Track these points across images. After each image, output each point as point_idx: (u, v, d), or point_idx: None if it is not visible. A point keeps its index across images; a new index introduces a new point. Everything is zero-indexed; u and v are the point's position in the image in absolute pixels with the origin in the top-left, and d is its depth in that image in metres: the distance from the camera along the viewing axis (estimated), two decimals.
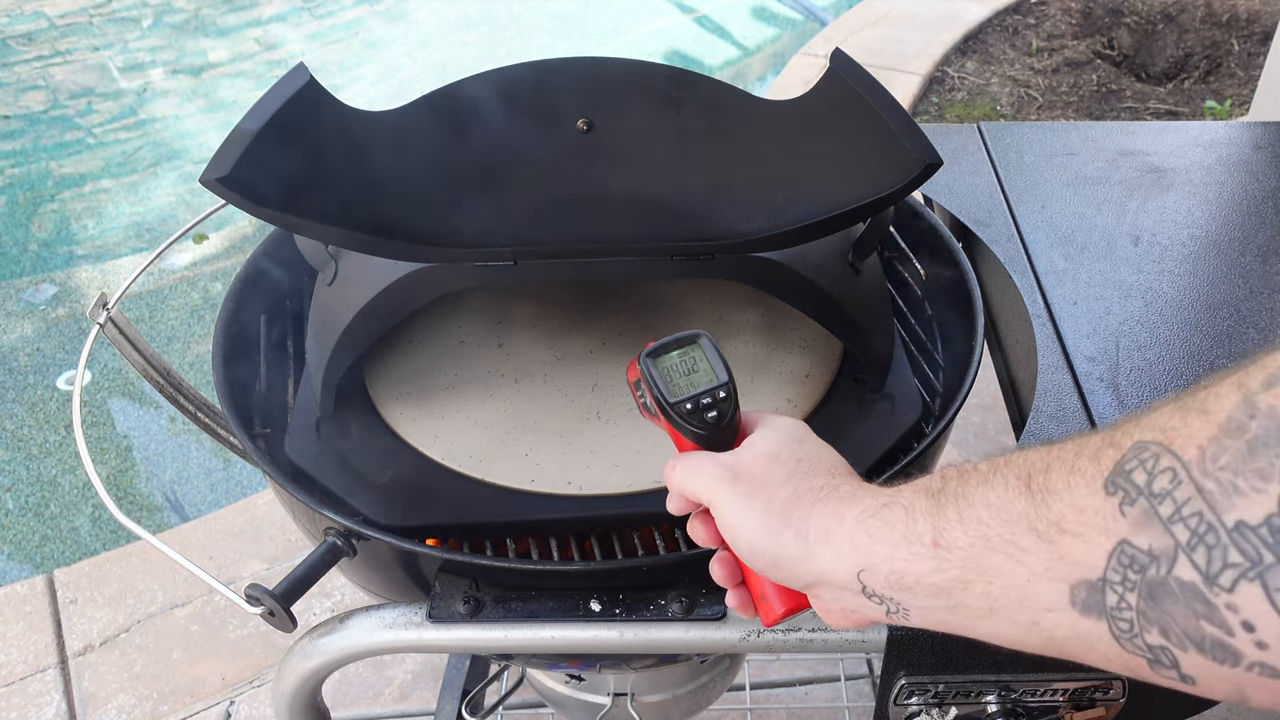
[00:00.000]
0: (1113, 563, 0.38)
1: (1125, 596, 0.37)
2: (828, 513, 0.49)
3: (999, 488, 0.42)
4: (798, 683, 1.54)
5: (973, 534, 0.43)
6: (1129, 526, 0.37)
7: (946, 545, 0.44)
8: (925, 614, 0.46)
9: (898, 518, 0.46)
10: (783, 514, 0.50)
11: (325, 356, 0.76)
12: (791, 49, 3.53)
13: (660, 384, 0.58)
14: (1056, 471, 0.41)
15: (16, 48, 3.64)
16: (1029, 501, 0.41)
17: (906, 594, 0.46)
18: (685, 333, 0.60)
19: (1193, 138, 1.16)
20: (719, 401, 0.57)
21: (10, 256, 2.72)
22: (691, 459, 0.55)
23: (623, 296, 0.89)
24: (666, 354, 0.59)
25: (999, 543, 0.42)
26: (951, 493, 0.44)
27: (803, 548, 0.49)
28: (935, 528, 0.44)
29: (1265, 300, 0.93)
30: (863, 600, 0.48)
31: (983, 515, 0.43)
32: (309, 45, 3.71)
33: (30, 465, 2.12)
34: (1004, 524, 0.42)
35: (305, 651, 0.73)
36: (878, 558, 0.46)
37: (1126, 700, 0.71)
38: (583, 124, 0.71)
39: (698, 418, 0.57)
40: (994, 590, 0.42)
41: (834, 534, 0.48)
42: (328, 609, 1.64)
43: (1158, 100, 3.08)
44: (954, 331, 0.89)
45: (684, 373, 0.58)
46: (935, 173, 0.67)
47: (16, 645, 1.64)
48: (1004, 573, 0.42)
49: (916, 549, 0.45)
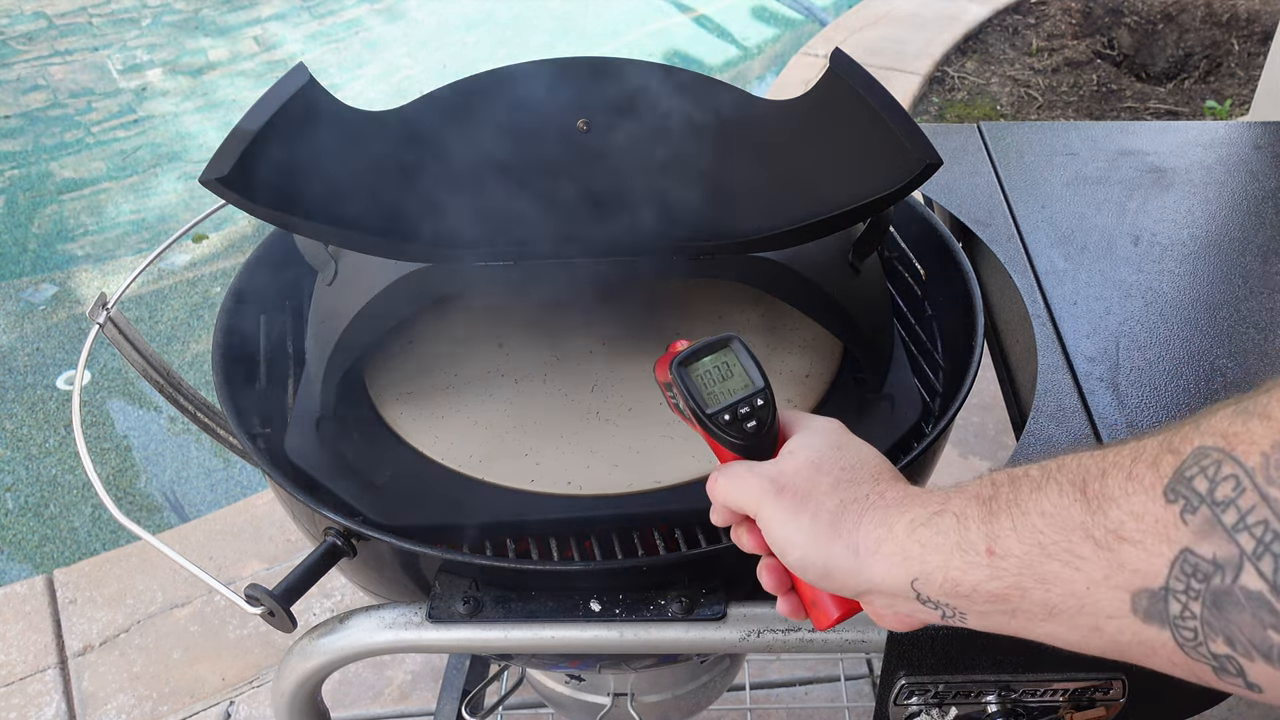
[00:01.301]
0: (1175, 572, 0.37)
1: (1189, 605, 0.37)
2: (876, 522, 0.49)
3: (1053, 494, 0.42)
4: (798, 683, 1.54)
5: (1028, 542, 0.42)
6: (1191, 535, 0.37)
7: (1002, 553, 0.43)
8: (983, 618, 0.46)
9: (949, 526, 0.46)
10: (831, 526, 0.50)
11: (325, 356, 0.76)
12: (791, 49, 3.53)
13: (695, 394, 0.56)
14: (1113, 478, 0.40)
15: (17, 47, 3.64)
16: (1085, 508, 0.40)
17: (963, 600, 0.46)
18: (716, 337, 0.58)
19: (1193, 138, 1.16)
20: (757, 410, 0.56)
21: (10, 256, 2.72)
22: (733, 471, 0.55)
23: (623, 296, 0.89)
24: (698, 361, 0.57)
25: (1056, 550, 0.41)
26: (1004, 500, 0.44)
27: (853, 559, 0.49)
28: (989, 535, 0.44)
29: (1265, 300, 0.93)
30: (917, 606, 0.48)
31: (1037, 523, 0.42)
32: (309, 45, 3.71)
33: (30, 465, 2.12)
34: (1060, 531, 0.41)
35: (305, 651, 0.73)
36: (931, 567, 0.46)
37: (1126, 700, 0.71)
38: (583, 124, 0.71)
39: (737, 428, 0.55)
40: (1052, 598, 0.42)
41: (884, 544, 0.48)
42: (328, 609, 1.64)
43: (1158, 100, 3.08)
44: (954, 331, 0.89)
45: (718, 380, 0.57)
46: (935, 173, 0.67)
47: (16, 645, 1.64)
48: (1062, 580, 0.41)
49: (971, 557, 0.44)
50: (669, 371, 0.57)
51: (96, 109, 3.33)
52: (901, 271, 0.98)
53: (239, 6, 3.94)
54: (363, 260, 0.75)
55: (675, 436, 0.78)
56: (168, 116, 3.29)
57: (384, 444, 0.79)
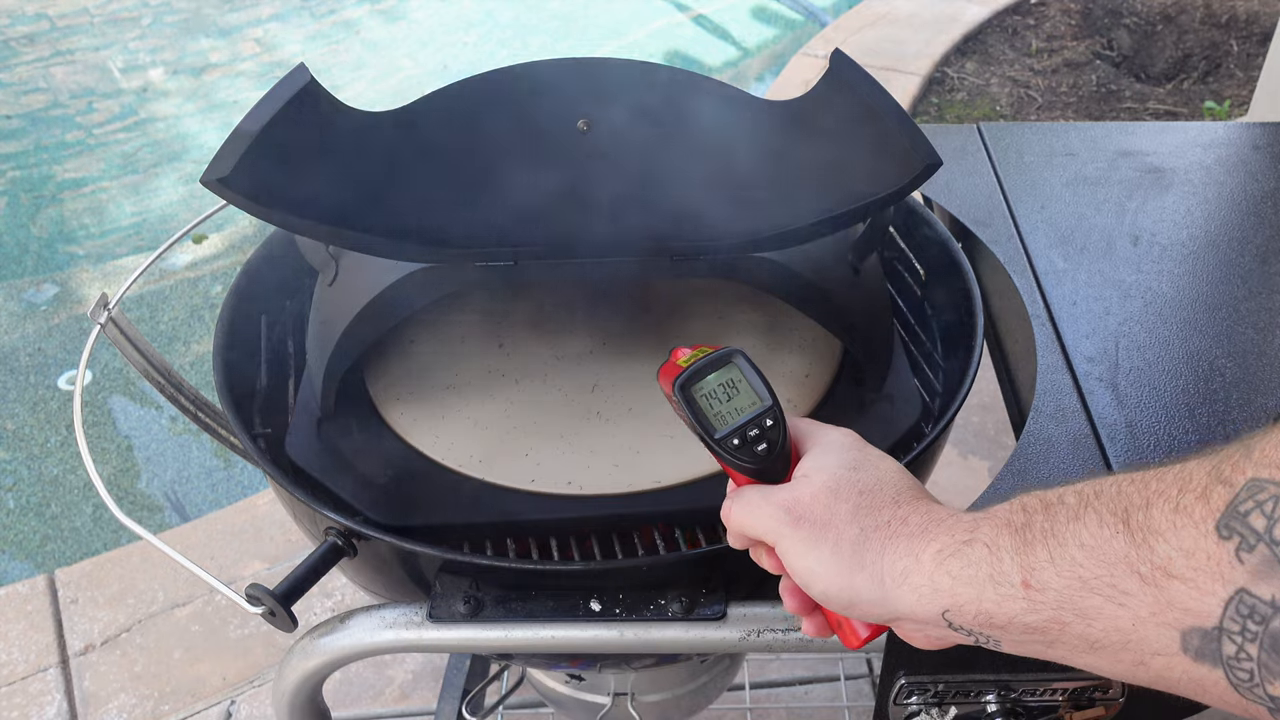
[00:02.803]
0: (1230, 612, 0.36)
1: (1245, 647, 0.36)
2: (901, 551, 0.47)
3: (1093, 525, 0.40)
4: (797, 682, 1.54)
5: (1067, 575, 0.41)
6: (1248, 575, 0.35)
7: (1039, 586, 0.42)
8: (1019, 646, 0.45)
9: (981, 557, 0.44)
10: (853, 556, 0.48)
11: (326, 356, 0.76)
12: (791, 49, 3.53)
13: (701, 418, 0.53)
14: (1159, 509, 0.38)
15: (18, 49, 3.65)
16: (1129, 542, 0.39)
17: (998, 631, 0.44)
18: (718, 352, 0.55)
19: (1192, 138, 1.16)
20: (766, 431, 0.53)
21: (11, 256, 2.72)
22: (746, 499, 0.53)
23: (623, 296, 0.89)
24: (702, 380, 0.54)
25: (1098, 585, 0.40)
26: (1039, 529, 0.42)
27: (879, 590, 0.47)
28: (1024, 568, 0.42)
29: (1264, 300, 0.93)
30: (949, 632, 0.47)
31: (1076, 555, 0.40)
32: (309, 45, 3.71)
33: (31, 465, 2.12)
34: (1102, 565, 0.40)
35: (306, 651, 0.73)
36: (963, 599, 0.44)
37: (1126, 700, 0.72)
38: (583, 124, 0.71)
39: (747, 452, 0.53)
40: (1094, 632, 0.40)
41: (911, 574, 0.46)
42: (328, 609, 1.64)
43: (1157, 101, 3.08)
44: (954, 331, 0.89)
45: (724, 399, 0.54)
46: (935, 173, 0.67)
47: (18, 645, 1.64)
48: (1105, 615, 0.40)
49: (1005, 590, 0.43)
50: (672, 392, 0.55)
51: (97, 110, 3.34)
52: (901, 271, 0.98)
53: (239, 7, 3.95)
54: (363, 260, 0.75)
55: (675, 436, 0.78)
56: (169, 117, 3.30)
57: (384, 444, 0.79)
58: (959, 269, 0.89)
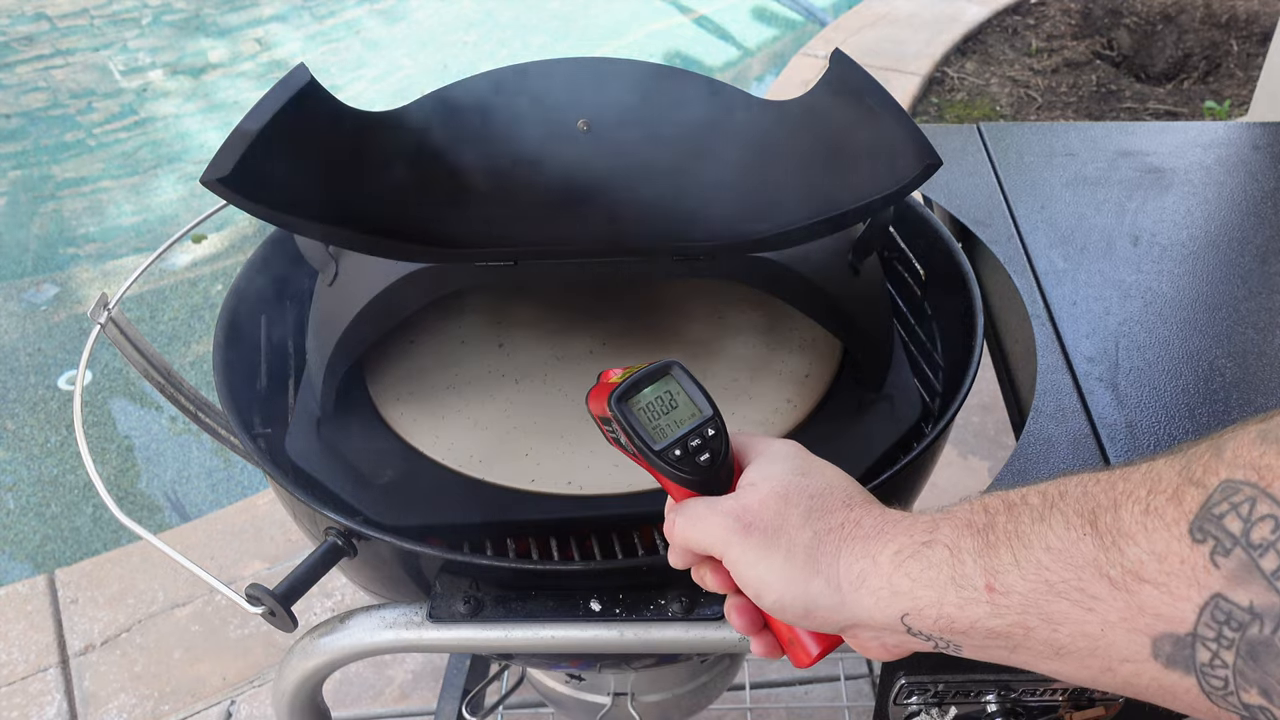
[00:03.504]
0: (1205, 618, 0.35)
1: (1220, 654, 0.35)
2: (857, 554, 0.46)
3: (1059, 527, 0.39)
4: (797, 682, 1.54)
5: (1033, 579, 0.39)
6: (1223, 580, 0.34)
7: (1003, 590, 0.40)
8: (980, 651, 0.43)
9: (941, 559, 0.43)
10: (807, 561, 0.46)
11: (326, 356, 0.76)
12: (791, 49, 3.53)
13: (640, 430, 0.52)
14: (1128, 511, 0.37)
15: (18, 48, 3.65)
16: (1097, 544, 0.38)
17: (959, 636, 0.43)
18: (653, 365, 0.54)
19: (1192, 138, 1.16)
20: (709, 440, 0.52)
21: (11, 257, 2.72)
22: (691, 510, 0.51)
23: (623, 296, 0.89)
24: (639, 393, 0.52)
25: (1064, 589, 0.39)
26: (1002, 531, 0.41)
27: (835, 595, 0.46)
28: (988, 570, 0.41)
29: (1264, 300, 0.93)
30: (906, 638, 0.45)
31: (1042, 559, 0.39)
32: (309, 45, 3.71)
33: (31, 465, 2.12)
34: (1069, 569, 0.38)
35: (306, 651, 0.73)
36: (924, 602, 0.43)
37: (1126, 700, 0.72)
38: (583, 124, 0.71)
39: (689, 463, 0.51)
40: (1060, 637, 0.39)
41: (869, 577, 0.45)
42: (328, 609, 1.64)
43: (1157, 100, 3.08)
44: (954, 331, 0.89)
45: (662, 411, 0.52)
46: (935, 173, 0.67)
47: (18, 645, 1.64)
48: (1072, 620, 0.39)
49: (968, 594, 0.41)
50: (606, 407, 0.53)
51: (97, 109, 3.34)
52: (901, 271, 0.98)
53: (240, 7, 3.95)
54: (363, 260, 0.75)
55: None
56: (169, 117, 3.30)
57: (384, 444, 0.79)
58: (959, 269, 0.89)
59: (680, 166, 0.72)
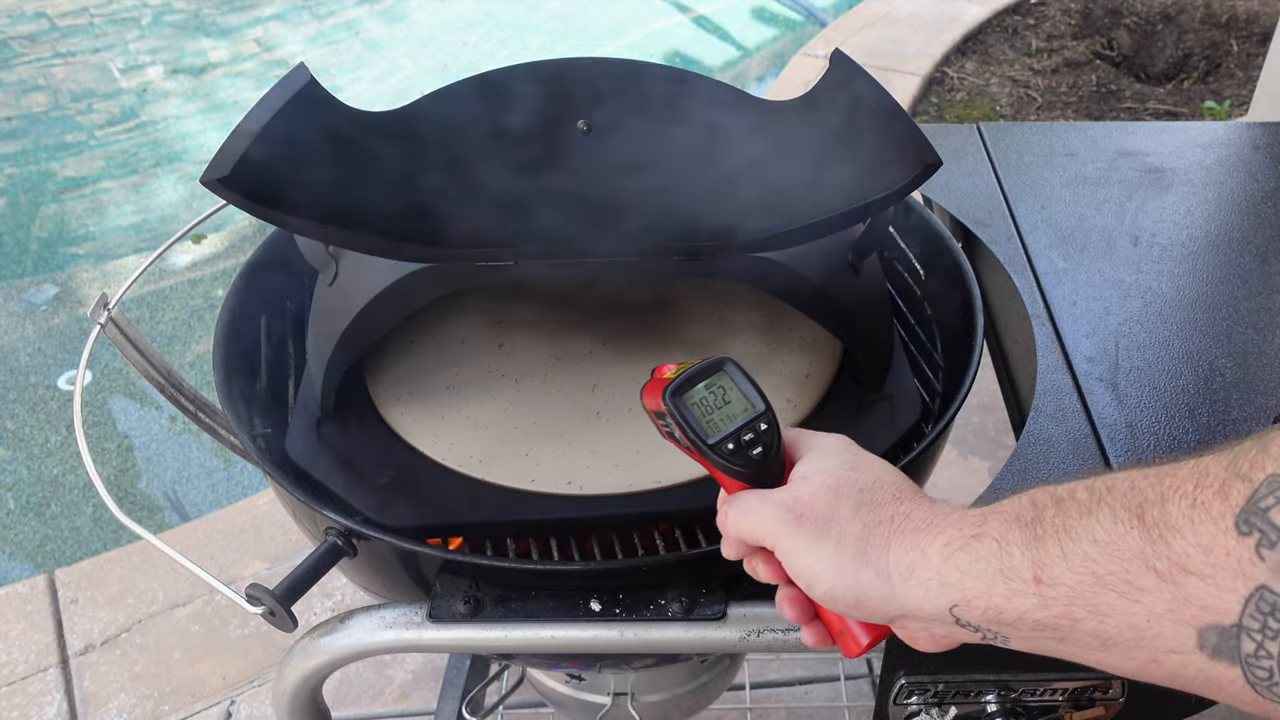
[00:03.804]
0: (1250, 609, 0.35)
1: (1265, 645, 0.35)
2: (907, 545, 0.47)
3: (1106, 521, 0.40)
4: (797, 682, 1.54)
5: (1080, 571, 0.40)
6: (1269, 571, 0.35)
7: (1050, 582, 0.41)
8: (1028, 643, 0.44)
9: (989, 551, 0.43)
10: (858, 553, 0.48)
11: (326, 356, 0.76)
12: (791, 49, 3.53)
13: (694, 425, 0.53)
14: (1175, 505, 0.38)
15: (18, 48, 3.65)
16: (1144, 537, 0.38)
17: (1007, 627, 0.44)
18: (708, 360, 0.55)
19: (1192, 138, 1.16)
20: (761, 435, 0.53)
21: (11, 257, 2.72)
22: (744, 502, 0.52)
23: (623, 297, 0.89)
24: (693, 388, 0.54)
25: (1111, 581, 0.39)
26: (1050, 524, 0.42)
27: (885, 586, 0.47)
28: (1035, 563, 0.42)
29: (1264, 300, 0.93)
30: (955, 629, 0.46)
31: (1089, 551, 0.40)
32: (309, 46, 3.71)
33: (31, 465, 2.12)
34: (1116, 561, 0.39)
35: (306, 651, 0.73)
36: (972, 594, 0.44)
37: (1125, 700, 0.72)
38: (583, 124, 0.71)
39: (742, 457, 0.53)
40: (1107, 629, 0.40)
41: (918, 569, 0.46)
42: (328, 609, 1.64)
43: (1157, 100, 3.08)
44: (954, 331, 0.89)
45: (716, 406, 0.54)
46: (935, 173, 0.67)
47: (18, 645, 1.64)
48: (1118, 612, 0.39)
49: (1015, 585, 0.42)
50: (661, 401, 0.54)
51: (98, 110, 3.34)
52: (901, 271, 0.98)
53: (240, 7, 3.95)
54: (363, 260, 0.75)
55: None
56: (169, 117, 3.30)
57: (384, 444, 0.79)
58: (959, 269, 0.89)
59: (680, 166, 0.72)
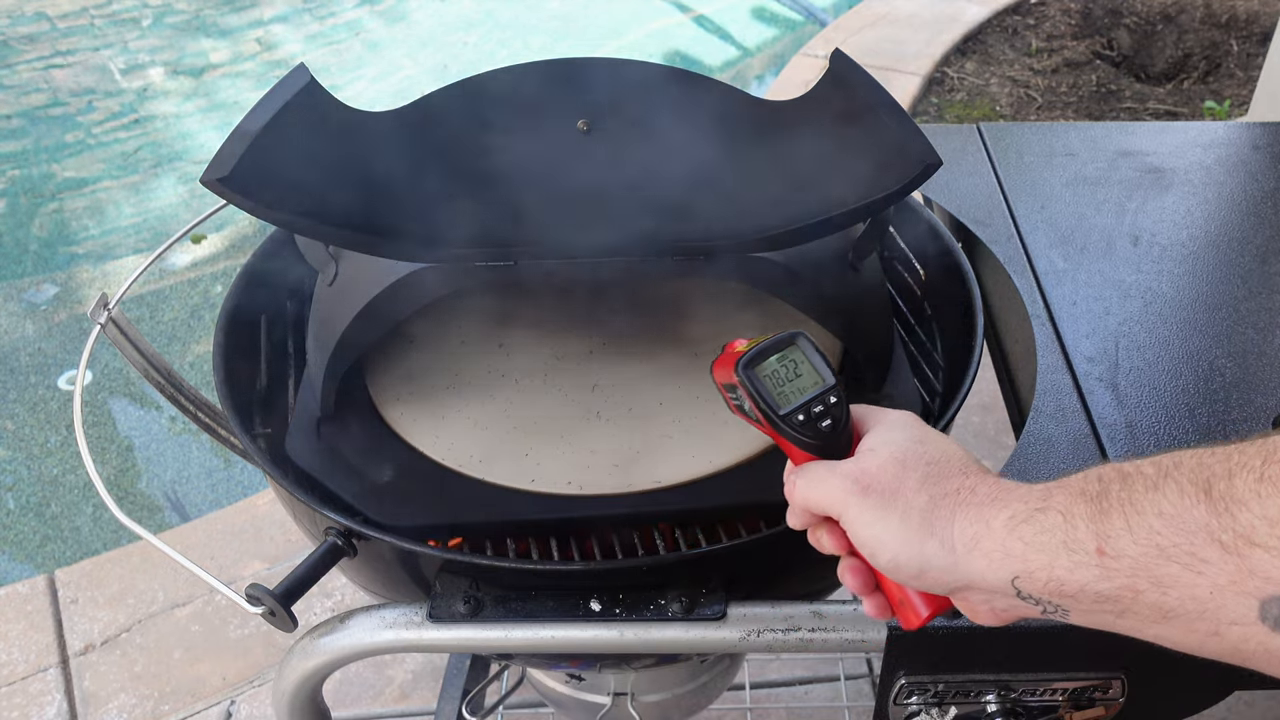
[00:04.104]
0: None
1: None
2: (972, 518, 0.48)
3: (1173, 495, 0.41)
4: (797, 682, 1.54)
5: (1144, 543, 0.41)
6: None
7: (1114, 554, 0.42)
8: (1088, 616, 0.45)
9: (1054, 524, 0.44)
10: (923, 523, 0.49)
11: (326, 356, 0.76)
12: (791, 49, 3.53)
13: (765, 396, 0.54)
14: (1242, 479, 0.39)
15: (18, 48, 3.65)
16: (1210, 510, 0.39)
17: (1068, 600, 0.45)
18: (781, 335, 0.56)
19: (1192, 138, 1.16)
20: (831, 407, 0.54)
21: (11, 256, 2.72)
22: (812, 472, 0.53)
23: (623, 297, 0.89)
24: (764, 360, 0.55)
25: (1175, 553, 0.40)
26: (1116, 498, 0.43)
27: (949, 557, 0.48)
28: (1099, 535, 0.43)
29: (1264, 300, 0.93)
30: (1016, 601, 0.47)
31: (1154, 524, 0.41)
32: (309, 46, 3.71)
33: (31, 465, 2.12)
34: (1181, 534, 0.40)
35: (306, 651, 0.73)
36: (1034, 565, 0.45)
37: (1126, 700, 0.72)
38: (583, 124, 0.71)
39: (811, 428, 0.54)
40: (1169, 601, 0.41)
41: (982, 540, 0.47)
42: (328, 609, 1.64)
43: (1157, 100, 3.08)
44: (954, 331, 0.89)
45: (787, 379, 0.55)
46: (934, 173, 0.67)
47: (18, 645, 1.64)
48: (1182, 584, 0.40)
49: (1079, 557, 0.43)
50: (734, 373, 0.56)
51: (98, 110, 3.34)
52: (901, 271, 0.98)
53: (240, 7, 3.95)
54: (363, 260, 0.75)
55: (675, 436, 0.78)
56: (169, 117, 3.30)
57: (384, 444, 0.79)
58: (959, 269, 0.89)
59: (679, 166, 0.72)
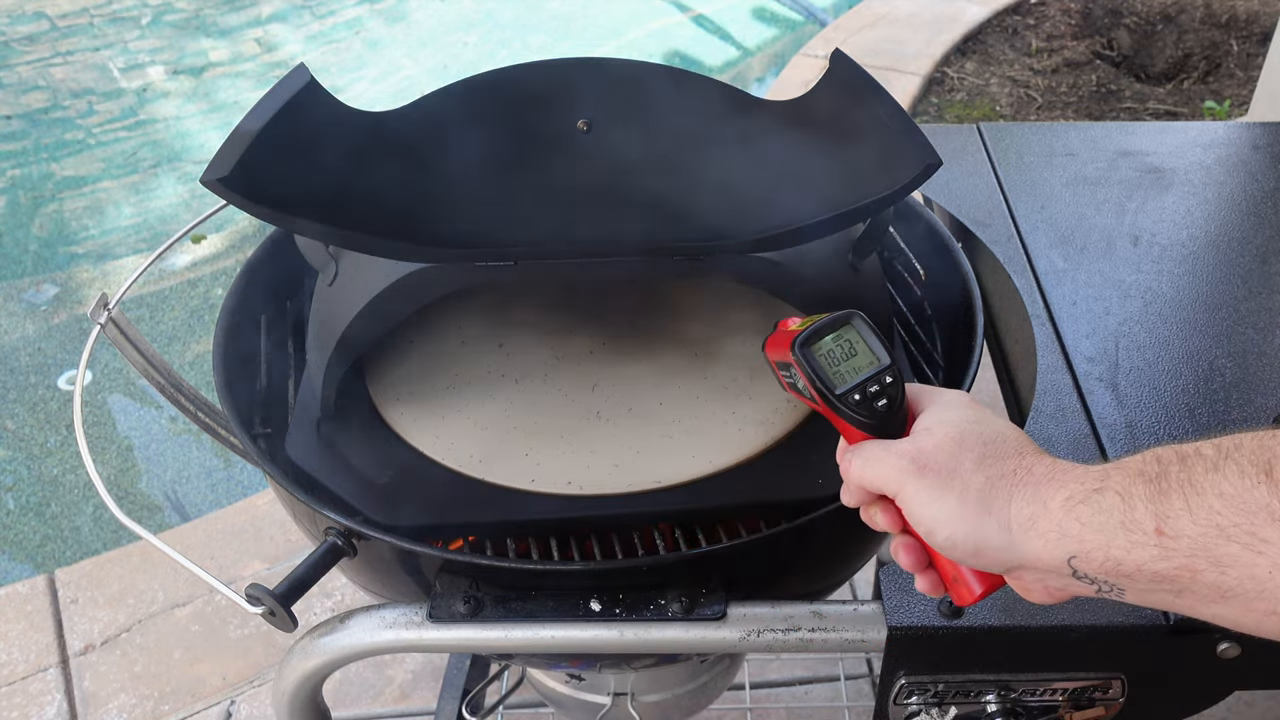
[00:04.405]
0: None
1: None
2: (1029, 498, 0.48)
3: (1233, 476, 0.41)
4: (797, 682, 1.54)
5: (1203, 523, 0.42)
6: None
7: (1173, 534, 0.42)
8: (1144, 595, 0.45)
9: (1112, 504, 0.45)
10: (980, 503, 0.49)
11: (326, 357, 0.76)
12: (791, 49, 3.53)
13: (821, 375, 0.54)
14: None
15: (18, 48, 3.65)
16: (1271, 491, 0.40)
17: (1125, 579, 0.45)
18: (837, 314, 0.56)
19: (1192, 138, 1.16)
20: (886, 387, 0.54)
21: (11, 257, 2.72)
22: (868, 451, 0.53)
23: (623, 296, 0.89)
24: (820, 340, 0.55)
25: (1235, 533, 0.41)
26: (1175, 479, 0.43)
27: (1005, 536, 0.48)
28: (1158, 515, 0.43)
29: (1264, 300, 0.93)
30: (1071, 581, 0.47)
31: (1214, 504, 0.41)
32: (309, 46, 3.71)
33: (31, 465, 2.12)
34: (1241, 514, 0.40)
35: (306, 651, 0.73)
36: (1091, 545, 0.45)
37: (1126, 700, 0.72)
38: (583, 124, 0.71)
39: (867, 407, 0.54)
40: (1228, 580, 0.41)
41: (1039, 520, 0.47)
42: (328, 609, 1.64)
43: (1157, 100, 3.08)
44: (954, 331, 0.89)
45: (843, 358, 0.55)
46: (935, 173, 0.67)
47: (18, 645, 1.64)
48: (1241, 563, 0.41)
49: (1137, 537, 0.44)
50: (789, 352, 0.56)
51: (98, 110, 3.34)
52: (901, 271, 0.98)
53: (240, 7, 3.95)
54: (363, 260, 0.75)
55: (675, 436, 0.78)
56: (169, 117, 3.30)
57: (384, 444, 0.79)
58: (959, 269, 0.89)
59: (680, 166, 0.72)
